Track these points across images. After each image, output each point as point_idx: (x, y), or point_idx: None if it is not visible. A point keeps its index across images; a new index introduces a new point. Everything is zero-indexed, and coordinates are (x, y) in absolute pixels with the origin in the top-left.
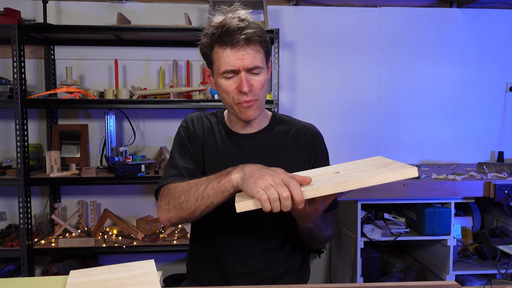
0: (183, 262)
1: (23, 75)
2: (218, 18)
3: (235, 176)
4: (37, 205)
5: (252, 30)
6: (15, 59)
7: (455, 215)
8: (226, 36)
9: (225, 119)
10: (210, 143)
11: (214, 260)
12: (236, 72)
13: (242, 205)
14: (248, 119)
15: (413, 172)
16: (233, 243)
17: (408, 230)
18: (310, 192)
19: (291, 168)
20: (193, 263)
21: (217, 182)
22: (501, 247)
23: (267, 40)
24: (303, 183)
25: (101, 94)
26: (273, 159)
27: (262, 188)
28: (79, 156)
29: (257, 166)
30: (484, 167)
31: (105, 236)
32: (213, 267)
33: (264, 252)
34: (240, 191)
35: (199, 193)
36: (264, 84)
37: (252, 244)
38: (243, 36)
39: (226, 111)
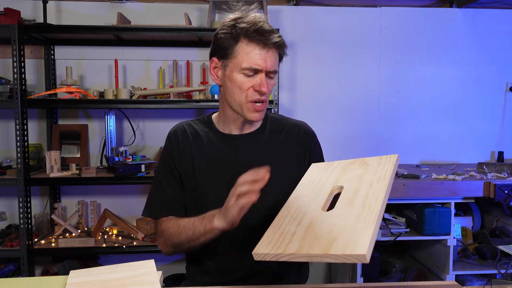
0: (183, 262)
1: (23, 75)
2: (239, 14)
3: (218, 223)
4: (37, 205)
5: (280, 37)
6: (15, 59)
7: (455, 215)
8: (258, 34)
9: (215, 123)
10: (198, 152)
11: (214, 267)
12: (257, 71)
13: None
14: (254, 121)
15: (363, 259)
16: (232, 248)
17: (408, 230)
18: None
19: (286, 166)
20: (193, 271)
21: (203, 227)
22: (501, 247)
23: (286, 49)
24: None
25: (101, 94)
26: (268, 158)
27: (238, 204)
28: (79, 156)
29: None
30: (484, 167)
31: (105, 236)
32: (213, 274)
33: None
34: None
35: (189, 236)
36: (272, 88)
37: (251, 247)
38: (276, 40)
39: (215, 114)
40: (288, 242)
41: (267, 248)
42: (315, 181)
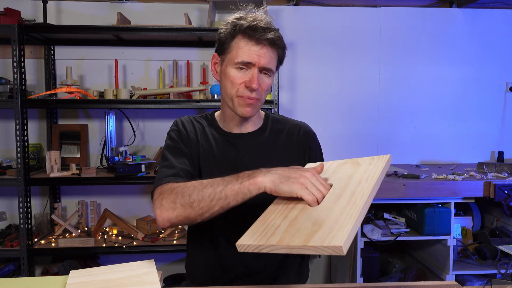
0: (183, 262)
1: (23, 75)
2: (243, 13)
3: (263, 179)
4: (37, 205)
5: (277, 35)
6: (15, 59)
7: (455, 215)
8: (253, 30)
9: (217, 121)
10: (204, 145)
11: (214, 265)
12: (250, 66)
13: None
14: (244, 116)
15: (339, 250)
16: (232, 247)
17: (408, 230)
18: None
19: (287, 166)
20: (192, 268)
21: (238, 184)
22: (501, 247)
23: (285, 49)
24: (319, 173)
25: (101, 94)
26: (269, 158)
27: (307, 188)
28: (79, 156)
29: (283, 169)
30: (484, 167)
31: (105, 236)
32: (213, 272)
33: (263, 253)
34: (262, 194)
35: (216, 193)
36: (269, 88)
37: None
38: (270, 37)
39: (217, 112)
40: (271, 234)
41: (250, 239)
42: None
